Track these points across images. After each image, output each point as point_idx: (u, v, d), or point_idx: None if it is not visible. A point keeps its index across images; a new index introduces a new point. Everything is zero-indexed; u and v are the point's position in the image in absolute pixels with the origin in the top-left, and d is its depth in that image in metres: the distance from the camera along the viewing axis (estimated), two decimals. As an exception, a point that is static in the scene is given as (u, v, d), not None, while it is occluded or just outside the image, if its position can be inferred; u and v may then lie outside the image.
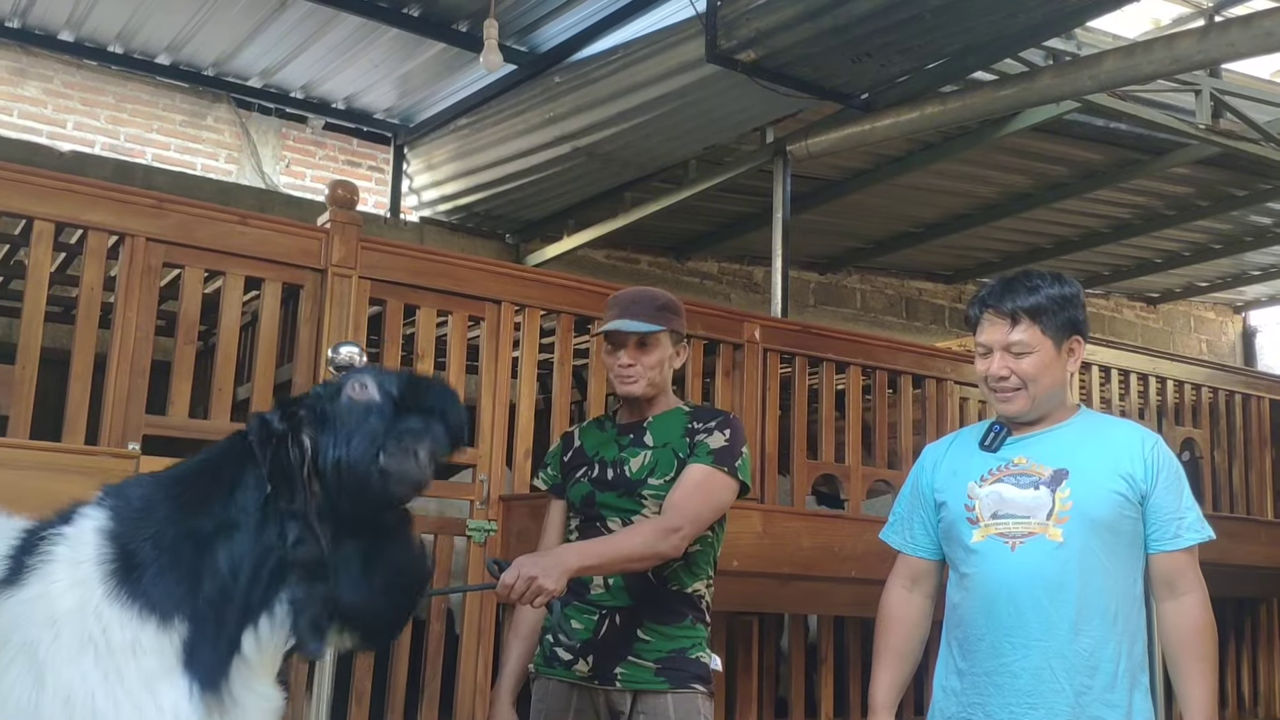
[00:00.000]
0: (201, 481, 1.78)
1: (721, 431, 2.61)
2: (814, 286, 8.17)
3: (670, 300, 2.76)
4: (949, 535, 2.50)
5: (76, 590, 1.66)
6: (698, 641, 2.60)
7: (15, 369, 3.22)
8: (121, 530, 1.72)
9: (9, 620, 1.65)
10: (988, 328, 2.41)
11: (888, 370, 4.93)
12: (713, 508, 2.58)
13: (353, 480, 1.74)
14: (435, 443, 1.79)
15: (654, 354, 2.66)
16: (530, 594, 2.25)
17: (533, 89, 5.29)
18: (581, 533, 2.67)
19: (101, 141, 7.36)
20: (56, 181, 3.40)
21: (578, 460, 2.74)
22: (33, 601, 1.65)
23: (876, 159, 5.90)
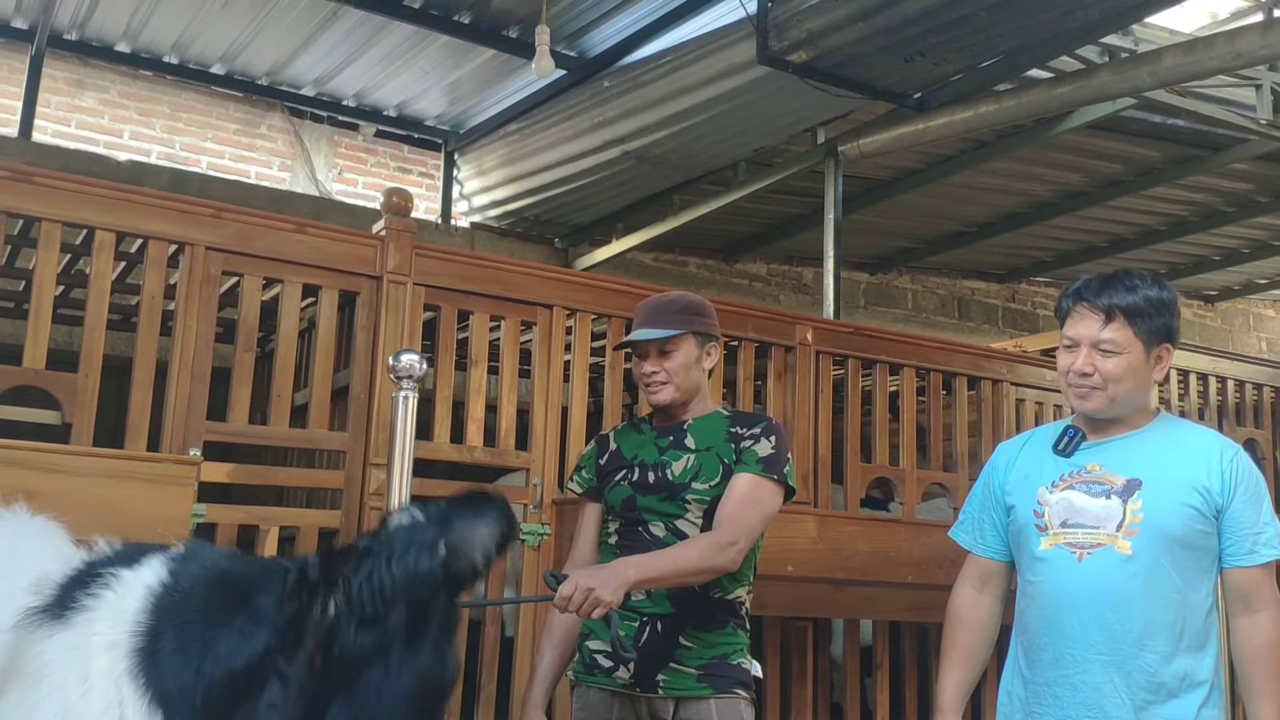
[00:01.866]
0: (240, 593, 1.79)
1: (768, 438, 2.61)
2: (864, 287, 8.11)
3: (691, 302, 2.75)
4: (1017, 540, 2.47)
5: (110, 653, 1.71)
6: (739, 648, 2.60)
7: (78, 377, 3.28)
8: (162, 603, 1.76)
9: (49, 659, 1.70)
10: (1079, 321, 2.36)
11: (942, 372, 4.89)
12: (764, 518, 2.58)
13: (410, 587, 1.75)
14: (497, 522, 1.83)
15: (676, 358, 2.65)
16: (588, 606, 2.25)
17: (582, 93, 5.30)
18: (621, 535, 2.66)
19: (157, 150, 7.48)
20: (117, 192, 3.46)
21: (615, 463, 2.72)
22: (74, 650, 1.70)
23: (928, 158, 5.84)
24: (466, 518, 1.81)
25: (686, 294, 2.83)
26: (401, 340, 3.71)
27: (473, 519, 1.81)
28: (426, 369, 2.42)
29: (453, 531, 1.79)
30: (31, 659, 1.70)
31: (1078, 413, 2.43)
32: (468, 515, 1.83)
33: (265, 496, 3.94)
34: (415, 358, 2.29)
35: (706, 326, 2.71)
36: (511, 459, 3.92)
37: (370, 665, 1.72)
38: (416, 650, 1.73)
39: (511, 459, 3.92)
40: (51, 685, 1.67)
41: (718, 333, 2.78)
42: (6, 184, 3.25)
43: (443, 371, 3.83)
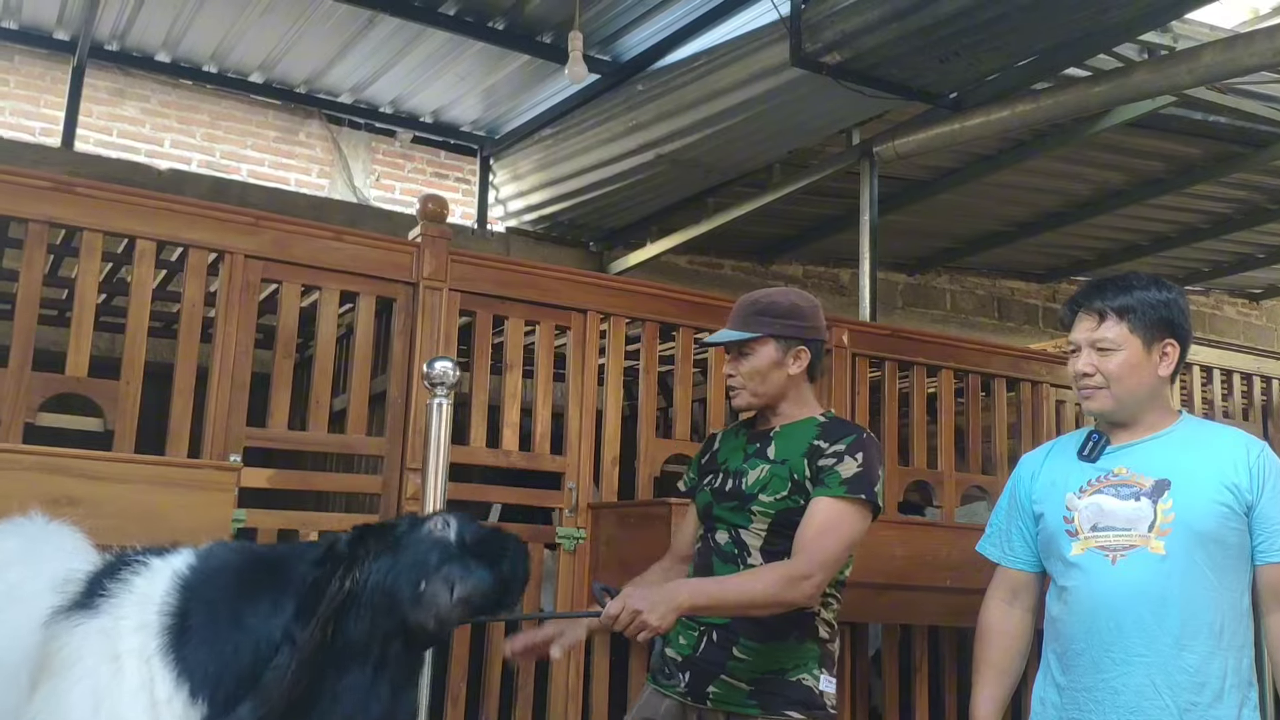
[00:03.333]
0: (269, 572, 1.84)
1: (854, 456, 2.42)
2: (902, 288, 8.06)
3: (776, 301, 2.56)
4: (1047, 548, 2.45)
5: (140, 633, 1.74)
6: (802, 662, 2.44)
7: (120, 384, 3.32)
8: (191, 583, 1.80)
9: (78, 646, 1.73)
10: (1077, 325, 2.39)
11: (980, 374, 4.85)
12: (845, 546, 2.40)
13: (384, 599, 1.79)
14: (477, 588, 1.84)
15: (749, 362, 2.53)
16: (634, 629, 2.15)
17: (616, 97, 5.31)
18: (700, 543, 2.60)
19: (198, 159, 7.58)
20: (157, 201, 3.50)
21: (710, 466, 2.65)
22: (103, 634, 1.73)
23: (965, 157, 5.80)
24: (473, 564, 1.83)
25: (779, 291, 2.62)
26: (437, 346, 3.73)
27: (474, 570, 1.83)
28: (460, 375, 2.42)
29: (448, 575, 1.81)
30: (60, 649, 1.73)
31: (1097, 417, 2.43)
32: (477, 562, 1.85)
33: (305, 501, 3.98)
34: (449, 365, 2.31)
35: (790, 328, 2.53)
36: (547, 463, 3.93)
37: (355, 666, 1.76)
38: (380, 677, 1.78)
39: (547, 463, 3.93)
40: (82, 670, 1.70)
41: (812, 334, 2.57)
42: (48, 194, 3.30)
43: (478, 377, 3.85)
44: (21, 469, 2.77)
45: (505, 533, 1.97)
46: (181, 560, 1.85)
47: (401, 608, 1.78)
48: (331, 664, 1.75)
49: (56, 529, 2.23)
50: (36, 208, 3.29)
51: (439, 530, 1.85)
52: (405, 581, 1.78)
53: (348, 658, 1.77)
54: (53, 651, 1.74)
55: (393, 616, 1.78)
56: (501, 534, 1.95)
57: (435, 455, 2.39)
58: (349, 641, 1.76)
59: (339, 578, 1.77)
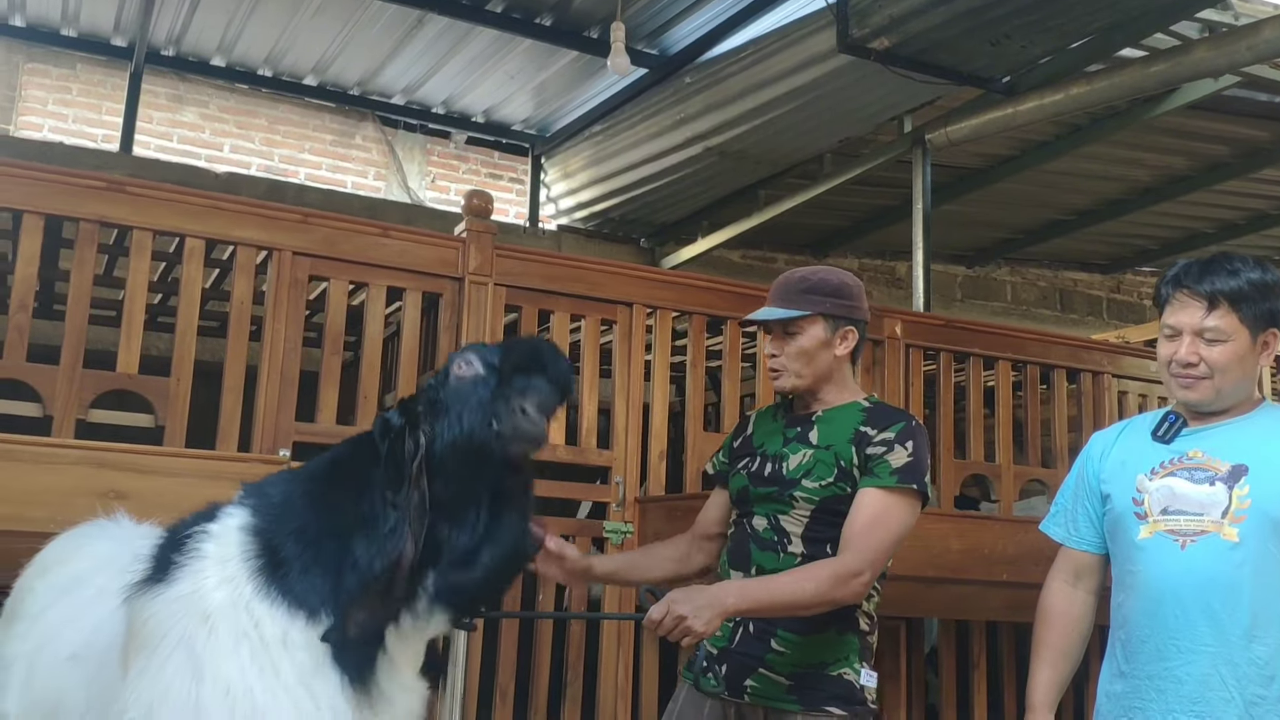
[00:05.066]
0: (337, 479, 1.81)
1: (904, 445, 2.33)
2: (961, 280, 7.93)
3: (826, 279, 2.44)
4: (1114, 530, 2.37)
5: (227, 587, 1.69)
6: (843, 656, 2.36)
7: (170, 381, 3.36)
8: (265, 526, 1.75)
9: (165, 616, 1.69)
10: (1179, 309, 2.27)
11: (1039, 364, 4.74)
12: (895, 539, 2.32)
13: (470, 453, 1.76)
14: (541, 396, 1.81)
15: (795, 342, 2.41)
16: (678, 634, 2.09)
17: (663, 91, 5.28)
18: (735, 527, 2.52)
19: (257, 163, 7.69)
20: (206, 200, 3.55)
21: (744, 450, 2.56)
22: (187, 598, 1.69)
23: (1021, 144, 5.67)
24: (520, 379, 1.80)
25: (825, 269, 2.50)
26: (484, 340, 3.73)
27: (527, 382, 1.80)
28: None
29: (509, 400, 1.78)
30: (145, 621, 1.70)
31: (1192, 407, 2.33)
32: (522, 376, 1.81)
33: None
34: (478, 355, 2.27)
35: (840, 308, 2.41)
36: (593, 457, 3.91)
37: (454, 525, 1.74)
38: (494, 520, 1.76)
39: (593, 457, 3.91)
40: (175, 638, 1.66)
41: (859, 315, 2.47)
42: (100, 193, 3.35)
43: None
44: (69, 463, 2.80)
45: (521, 338, 1.96)
46: (236, 513, 1.80)
47: (489, 453, 1.76)
48: (439, 521, 1.74)
49: (142, 530, 2.22)
50: (88, 207, 3.34)
51: (465, 370, 1.83)
52: (474, 430, 1.76)
53: (453, 511, 1.75)
54: (138, 626, 1.72)
55: (484, 463, 1.76)
56: (518, 340, 1.96)
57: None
58: (444, 501, 1.74)
59: (411, 439, 1.76)
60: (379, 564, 1.70)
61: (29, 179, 3.30)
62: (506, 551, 1.77)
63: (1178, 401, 2.36)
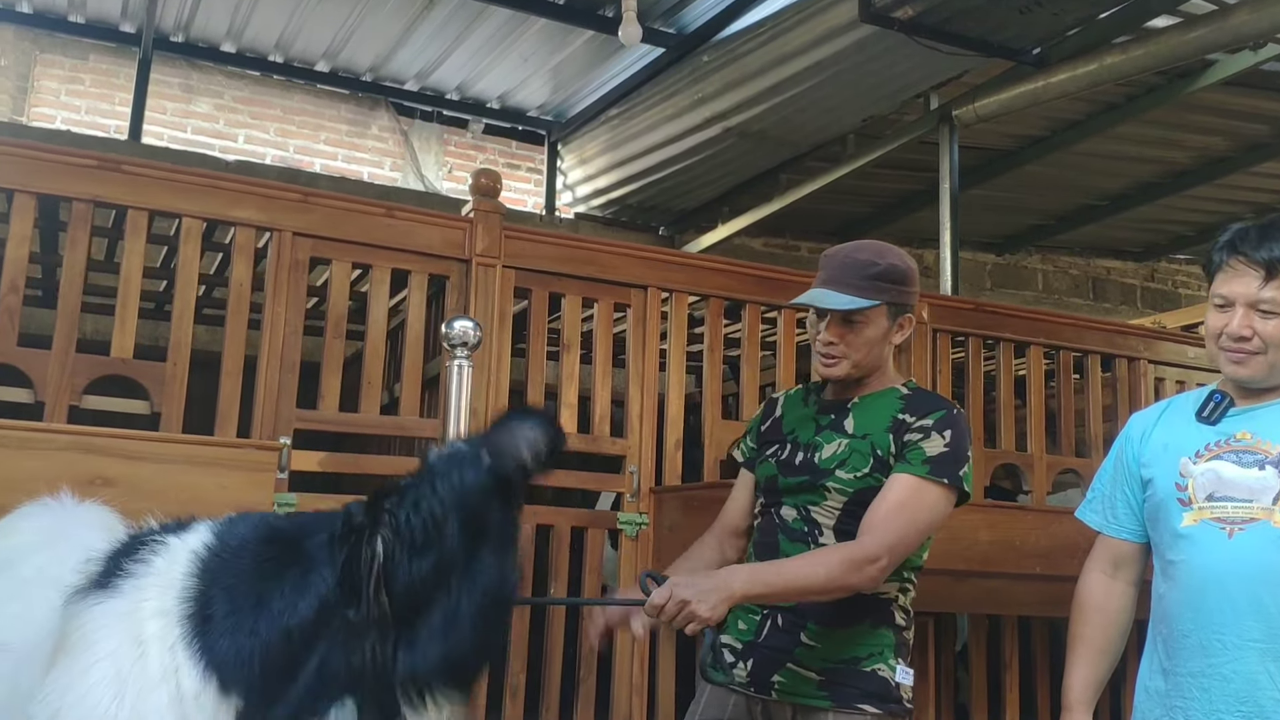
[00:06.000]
0: (288, 548, 1.70)
1: (941, 433, 2.19)
2: (990, 268, 7.74)
3: (894, 265, 2.30)
4: (1155, 517, 2.21)
5: (160, 619, 1.64)
6: (878, 651, 2.22)
7: (166, 366, 3.24)
8: (210, 565, 1.68)
9: (98, 625, 1.64)
10: (1233, 278, 2.10)
11: (1073, 350, 4.57)
12: (920, 529, 2.18)
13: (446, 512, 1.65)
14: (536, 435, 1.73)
15: (864, 333, 2.25)
16: (681, 620, 1.96)
17: (681, 71, 5.13)
18: (761, 518, 2.38)
19: (271, 154, 7.61)
20: (204, 178, 3.43)
21: (773, 435, 2.41)
22: (124, 616, 1.64)
23: (1052, 124, 5.48)
24: (506, 426, 1.72)
25: (888, 250, 2.34)
26: (492, 324, 3.60)
27: (513, 426, 1.71)
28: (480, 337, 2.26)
29: (493, 440, 1.69)
30: (79, 627, 1.65)
31: (1242, 384, 2.16)
32: (507, 424, 1.73)
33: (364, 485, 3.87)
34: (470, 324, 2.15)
35: (904, 296, 2.30)
36: (607, 446, 3.77)
37: (433, 595, 1.62)
38: (476, 568, 1.63)
39: (607, 446, 3.77)
40: (104, 650, 1.62)
41: (915, 301, 2.35)
42: (94, 173, 3.24)
43: (534, 356, 3.71)
44: (55, 449, 2.68)
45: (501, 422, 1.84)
46: (198, 539, 1.74)
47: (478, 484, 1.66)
48: (405, 618, 1.63)
49: (87, 510, 2.17)
50: (81, 186, 3.23)
51: (445, 448, 1.74)
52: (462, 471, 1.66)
53: (423, 594, 1.63)
54: (71, 630, 1.67)
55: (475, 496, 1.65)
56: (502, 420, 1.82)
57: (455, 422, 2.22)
58: (418, 582, 1.62)
59: (369, 547, 1.64)
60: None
61: (21, 157, 3.19)
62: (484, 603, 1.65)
63: (1225, 379, 2.20)
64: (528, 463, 1.69)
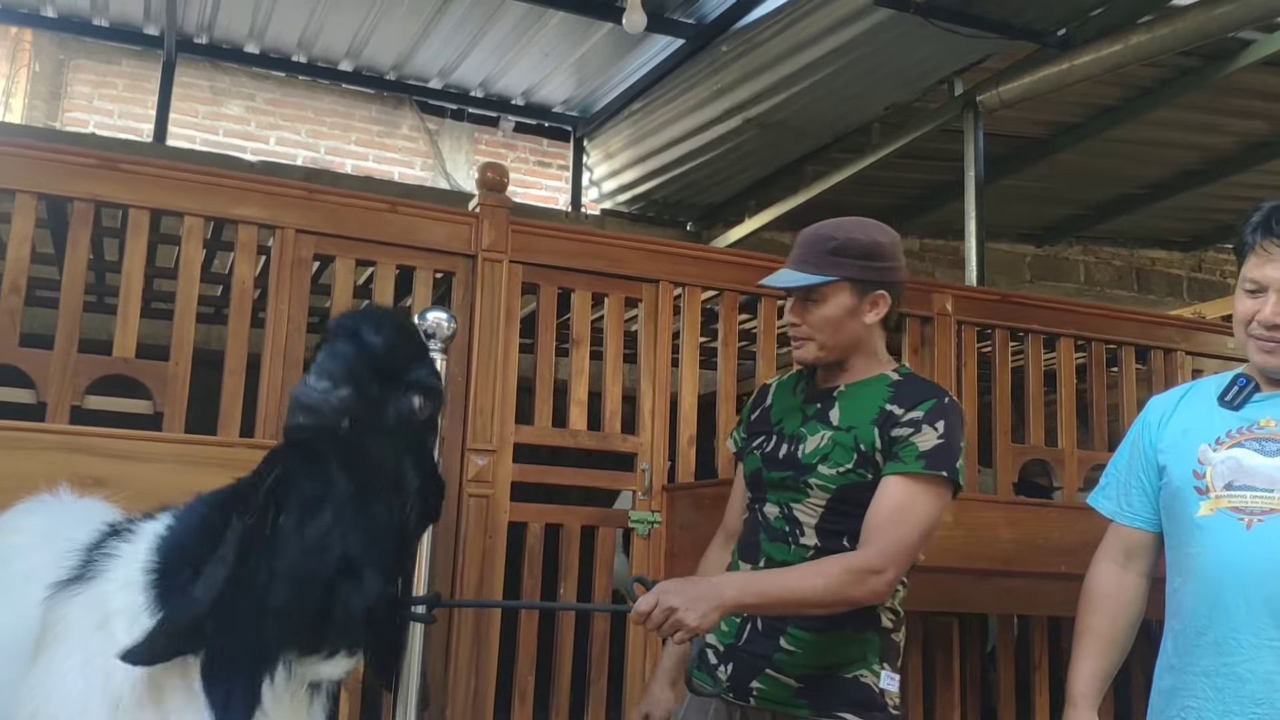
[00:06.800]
0: (232, 498, 1.77)
1: (934, 424, 2.07)
2: (1030, 260, 7.57)
3: (854, 238, 2.15)
4: (1170, 506, 2.10)
5: (124, 593, 1.69)
6: (861, 657, 2.12)
7: (168, 365, 3.22)
8: (171, 539, 1.74)
9: (72, 619, 1.69)
10: (1266, 261, 1.99)
11: (1104, 341, 4.42)
12: (923, 531, 2.07)
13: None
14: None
15: (820, 310, 2.14)
16: (668, 628, 1.88)
17: (700, 62, 5.04)
18: (748, 514, 2.29)
19: (303, 155, 7.64)
20: (205, 176, 3.39)
21: (761, 425, 2.31)
22: (93, 604, 1.70)
23: (1084, 110, 5.31)
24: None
25: (853, 223, 2.21)
26: (499, 320, 3.54)
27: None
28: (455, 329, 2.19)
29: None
30: (55, 623, 1.70)
31: (1272, 374, 2.05)
32: None
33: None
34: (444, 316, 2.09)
35: (869, 271, 2.14)
36: (618, 443, 3.69)
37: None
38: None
39: (618, 443, 3.69)
40: (75, 642, 1.67)
41: (892, 277, 2.18)
42: (93, 171, 3.22)
43: (543, 351, 3.65)
44: (45, 449, 2.68)
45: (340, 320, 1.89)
46: (163, 521, 1.81)
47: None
48: None
49: (85, 505, 2.19)
50: (82, 186, 3.21)
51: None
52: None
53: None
54: (49, 626, 1.72)
55: None
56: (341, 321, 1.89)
57: (427, 417, 2.15)
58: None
59: (263, 478, 1.74)
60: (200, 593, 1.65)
61: (21, 157, 3.17)
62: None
63: (1252, 364, 2.08)
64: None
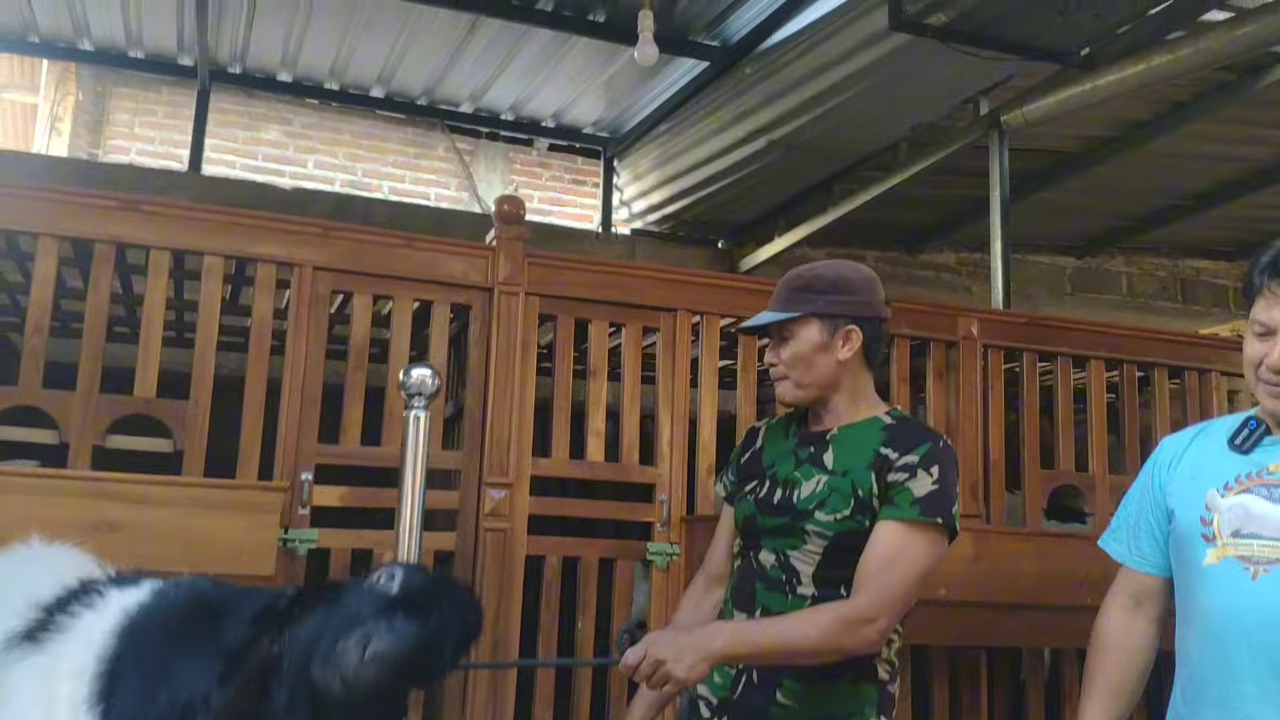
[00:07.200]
0: (210, 622, 1.64)
1: (928, 469, 2.06)
2: (1071, 272, 7.44)
3: (820, 275, 2.18)
4: (1179, 552, 2.05)
5: (75, 679, 1.60)
6: (859, 710, 2.09)
7: (188, 404, 3.27)
8: (135, 625, 1.64)
9: (18, 682, 1.60)
10: (1273, 304, 1.93)
11: (1135, 363, 4.34)
12: (917, 579, 2.05)
13: (302, 659, 1.56)
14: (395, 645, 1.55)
15: (790, 347, 2.17)
16: (656, 680, 1.88)
17: (724, 84, 5.02)
18: (740, 560, 2.26)
19: (340, 178, 7.71)
20: (224, 216, 3.45)
21: (752, 468, 2.29)
22: (43, 674, 1.61)
23: (1120, 125, 5.22)
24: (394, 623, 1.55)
25: (825, 264, 2.24)
26: (515, 352, 3.56)
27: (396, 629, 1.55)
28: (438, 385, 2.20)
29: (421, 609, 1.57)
30: (3, 683, 1.63)
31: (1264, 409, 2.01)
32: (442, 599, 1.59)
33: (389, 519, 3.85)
34: (427, 372, 2.08)
35: (836, 305, 2.14)
36: (636, 475, 3.69)
37: None
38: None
39: (636, 475, 3.69)
40: (16, 710, 1.60)
41: (864, 311, 2.17)
42: (114, 213, 3.28)
43: (560, 383, 3.65)
44: (62, 495, 2.73)
45: (451, 582, 1.70)
46: (134, 597, 1.70)
47: (311, 668, 1.54)
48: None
49: (54, 555, 2.10)
50: (104, 228, 3.28)
51: (381, 582, 1.60)
52: (325, 639, 1.55)
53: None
54: None
55: (305, 679, 1.55)
56: (445, 583, 1.68)
57: (411, 474, 2.16)
58: (274, 709, 1.55)
59: (269, 638, 1.57)
60: None
61: (42, 200, 3.25)
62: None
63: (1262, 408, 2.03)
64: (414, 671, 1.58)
